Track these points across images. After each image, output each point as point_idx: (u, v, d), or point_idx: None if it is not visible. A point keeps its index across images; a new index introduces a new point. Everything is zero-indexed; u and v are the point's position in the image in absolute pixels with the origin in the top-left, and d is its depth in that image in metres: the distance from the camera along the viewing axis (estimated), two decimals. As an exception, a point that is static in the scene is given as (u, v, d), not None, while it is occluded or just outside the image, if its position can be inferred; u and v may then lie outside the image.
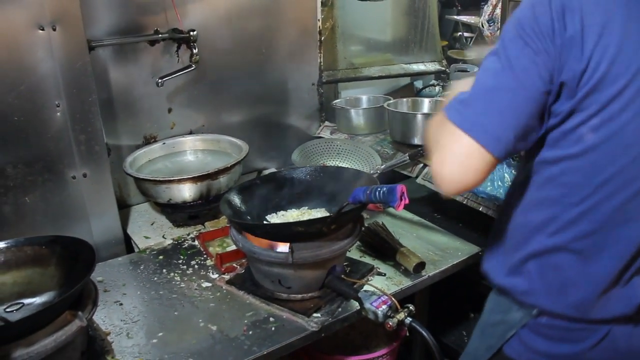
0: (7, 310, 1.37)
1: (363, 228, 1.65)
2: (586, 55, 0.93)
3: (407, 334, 1.56)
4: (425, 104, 2.39)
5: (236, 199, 1.69)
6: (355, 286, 1.57)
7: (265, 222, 1.71)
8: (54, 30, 1.63)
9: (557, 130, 1.02)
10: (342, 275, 1.60)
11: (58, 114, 1.71)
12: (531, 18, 0.96)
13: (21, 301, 1.40)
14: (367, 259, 1.81)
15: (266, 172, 2.46)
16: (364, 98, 2.64)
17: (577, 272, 1.07)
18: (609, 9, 0.94)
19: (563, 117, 1.00)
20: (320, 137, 2.52)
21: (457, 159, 1.00)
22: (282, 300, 1.59)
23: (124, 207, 2.20)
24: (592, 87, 0.95)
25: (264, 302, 1.61)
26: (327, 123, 2.62)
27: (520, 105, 0.98)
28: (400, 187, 1.29)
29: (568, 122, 1.00)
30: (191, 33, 2.06)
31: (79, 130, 1.76)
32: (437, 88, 3.32)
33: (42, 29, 1.62)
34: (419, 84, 3.26)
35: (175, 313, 1.59)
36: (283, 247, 1.50)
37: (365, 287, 1.56)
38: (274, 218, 1.72)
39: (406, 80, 3.11)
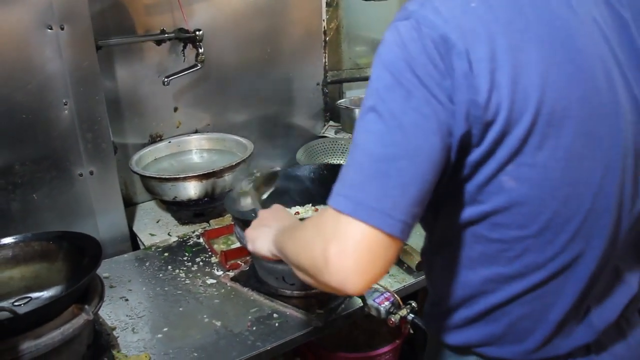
0: (15, 304, 1.40)
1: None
2: (482, 97, 0.77)
3: (410, 332, 1.57)
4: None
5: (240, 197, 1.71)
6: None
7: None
8: (62, 29, 1.65)
9: (470, 183, 0.86)
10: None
11: (65, 112, 1.74)
12: (408, 59, 0.78)
13: (29, 295, 1.42)
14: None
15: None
16: (369, 98, 2.64)
17: (533, 320, 0.96)
18: (491, 36, 0.79)
19: (472, 167, 0.84)
20: (325, 137, 2.54)
21: (361, 252, 0.77)
22: (286, 297, 1.60)
23: (129, 205, 2.22)
24: (499, 132, 0.79)
25: (267, 298, 1.62)
26: (331, 123, 2.64)
27: (421, 172, 0.78)
28: None
29: (481, 172, 0.84)
30: (197, 33, 2.08)
31: (86, 128, 1.78)
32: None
33: (51, 28, 1.64)
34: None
35: (180, 309, 1.61)
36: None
37: (368, 284, 1.58)
38: None
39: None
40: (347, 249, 0.77)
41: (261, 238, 1.18)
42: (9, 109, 1.65)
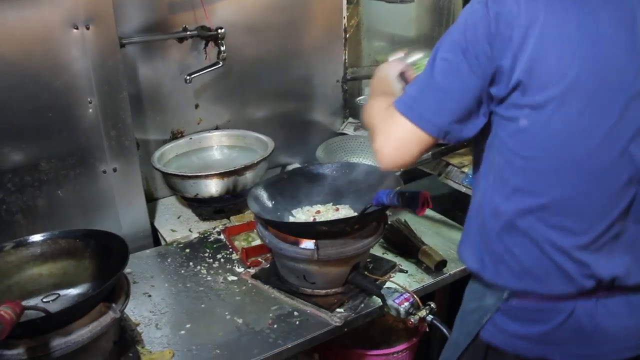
0: (44, 300, 1.43)
1: (386, 226, 1.68)
2: (508, 62, 1.02)
3: (427, 330, 1.59)
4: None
5: (263, 195, 1.73)
6: (377, 283, 1.60)
7: (291, 216, 1.75)
8: (88, 29, 1.68)
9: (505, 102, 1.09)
10: (365, 272, 1.63)
11: (90, 110, 1.76)
12: (471, 25, 1.05)
13: (57, 292, 1.46)
14: (390, 256, 1.84)
15: (290, 167, 2.49)
16: (388, 95, 2.64)
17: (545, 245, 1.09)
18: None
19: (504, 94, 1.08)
20: (344, 134, 2.55)
21: (396, 142, 1.14)
22: (307, 295, 1.63)
23: (151, 200, 2.25)
24: (521, 85, 1.03)
25: (288, 296, 1.65)
26: (350, 119, 2.64)
27: (463, 101, 1.09)
28: (423, 194, 1.32)
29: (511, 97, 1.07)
30: (219, 31, 2.09)
31: (110, 125, 1.81)
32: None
33: (77, 28, 1.67)
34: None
35: (202, 305, 1.64)
36: (308, 244, 1.53)
37: (388, 284, 1.60)
38: (300, 213, 1.76)
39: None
40: (390, 137, 1.14)
41: (379, 72, 1.49)
42: (36, 107, 1.69)
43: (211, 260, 1.86)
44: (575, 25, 1.01)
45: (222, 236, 1.98)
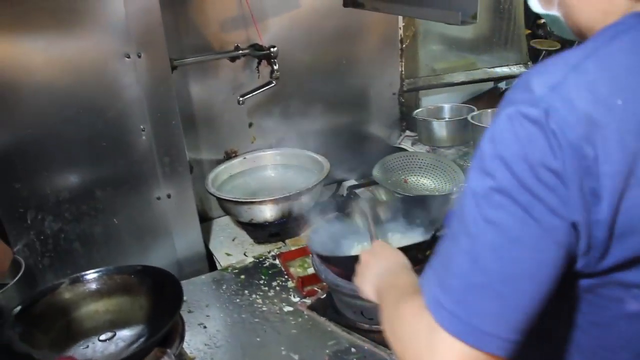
0: (101, 339, 1.43)
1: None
2: (604, 216, 0.67)
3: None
4: (512, 115, 2.27)
5: (321, 232, 1.67)
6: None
7: (354, 248, 1.68)
8: (139, 57, 1.66)
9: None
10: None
11: (143, 137, 1.75)
12: (531, 160, 0.66)
13: (114, 330, 1.44)
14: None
15: (346, 183, 2.42)
16: (446, 107, 2.56)
17: None
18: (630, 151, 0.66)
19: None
20: (401, 149, 2.46)
21: None
22: (364, 330, 1.56)
23: (205, 220, 2.24)
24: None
25: (345, 330, 1.58)
26: (407, 133, 2.56)
27: (541, 291, 0.69)
28: None
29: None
30: (272, 50, 2.04)
31: (163, 152, 1.79)
32: (521, 88, 3.16)
33: (129, 57, 1.65)
34: (502, 84, 3.12)
35: (258, 339, 1.60)
36: (366, 280, 1.46)
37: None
38: (354, 249, 1.69)
39: (489, 84, 2.98)
40: None
41: (366, 284, 1.14)
42: (91, 136, 1.69)
43: (266, 288, 1.82)
44: None
45: (277, 261, 1.94)
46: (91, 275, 1.48)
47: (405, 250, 1.45)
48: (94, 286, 1.47)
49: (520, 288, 0.68)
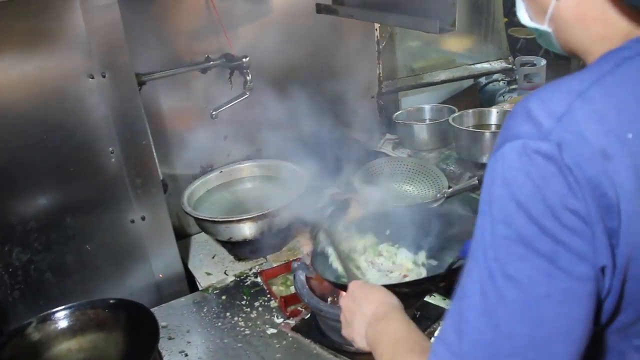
0: (73, 381, 1.36)
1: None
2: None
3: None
4: (493, 115, 2.23)
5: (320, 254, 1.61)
6: (425, 333, 1.47)
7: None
8: (104, 77, 1.58)
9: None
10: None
11: (113, 160, 1.67)
12: (548, 201, 0.59)
13: (88, 371, 1.38)
14: (437, 300, 1.69)
15: (327, 190, 2.36)
16: (427, 108, 2.50)
17: None
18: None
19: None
20: (382, 154, 2.40)
21: None
22: (351, 352, 1.51)
23: (183, 237, 2.17)
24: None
25: (331, 353, 1.53)
26: (388, 136, 2.50)
27: (574, 349, 0.62)
28: None
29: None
30: (244, 60, 1.97)
31: (134, 174, 1.71)
32: (501, 83, 3.14)
33: (92, 77, 1.57)
34: (482, 79, 3.08)
35: (241, 366, 1.54)
36: (350, 304, 1.40)
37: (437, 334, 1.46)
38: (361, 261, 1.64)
39: (469, 82, 2.93)
40: None
41: (355, 335, 1.10)
42: (57, 161, 1.61)
43: (248, 309, 1.76)
44: None
45: (259, 279, 1.88)
46: (61, 312, 1.41)
47: (419, 283, 1.39)
48: (65, 324, 1.41)
49: (553, 351, 0.60)
